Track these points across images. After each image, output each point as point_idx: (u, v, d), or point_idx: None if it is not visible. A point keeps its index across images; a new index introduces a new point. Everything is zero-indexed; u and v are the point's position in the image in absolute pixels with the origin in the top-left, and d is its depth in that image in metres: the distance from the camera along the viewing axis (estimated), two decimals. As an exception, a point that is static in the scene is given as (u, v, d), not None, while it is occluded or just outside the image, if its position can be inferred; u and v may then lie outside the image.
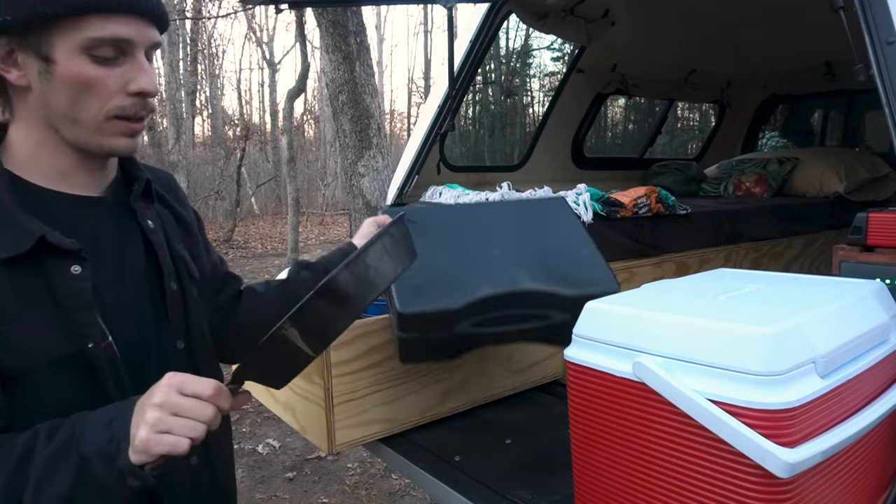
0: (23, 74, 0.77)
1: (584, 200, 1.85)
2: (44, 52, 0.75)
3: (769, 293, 1.03)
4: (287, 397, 1.51)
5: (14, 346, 0.74)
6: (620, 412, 0.93)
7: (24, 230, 0.76)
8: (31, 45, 0.75)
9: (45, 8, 0.72)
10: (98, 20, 0.75)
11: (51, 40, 0.75)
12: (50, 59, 0.75)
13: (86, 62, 0.76)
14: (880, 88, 1.25)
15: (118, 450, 0.70)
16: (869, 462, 0.95)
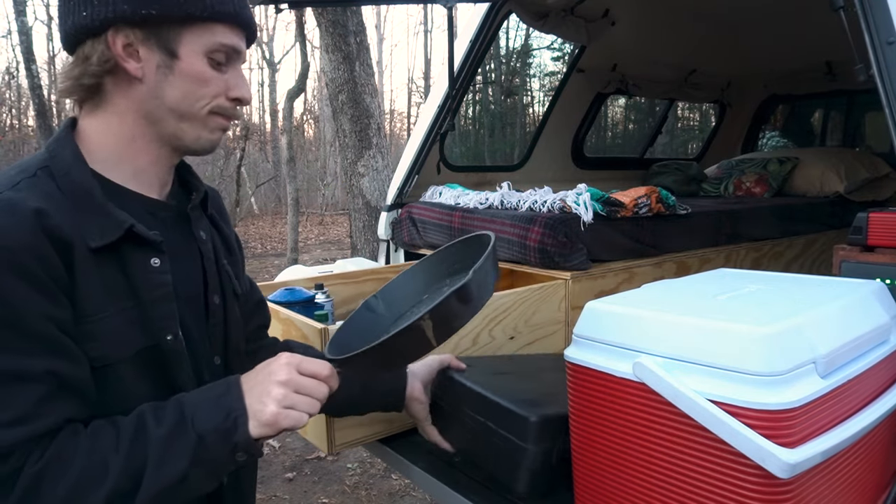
0: (139, 67, 0.80)
1: (585, 200, 1.85)
2: (171, 47, 0.80)
3: (769, 293, 1.03)
4: None
5: (100, 337, 0.76)
6: (620, 412, 0.93)
7: (114, 220, 0.78)
8: (161, 40, 0.79)
9: (193, 9, 0.79)
10: (225, 29, 0.83)
11: (181, 38, 0.80)
12: (175, 54, 0.80)
13: (204, 63, 0.82)
14: (880, 88, 1.25)
15: (235, 425, 0.74)
16: (869, 462, 0.95)
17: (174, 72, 0.81)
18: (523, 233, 1.84)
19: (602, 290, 1.86)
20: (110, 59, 0.79)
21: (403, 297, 1.10)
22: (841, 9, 1.35)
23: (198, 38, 0.81)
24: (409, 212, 2.40)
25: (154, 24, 0.79)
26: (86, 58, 0.80)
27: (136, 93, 0.82)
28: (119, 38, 0.79)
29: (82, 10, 0.78)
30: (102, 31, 0.78)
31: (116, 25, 0.78)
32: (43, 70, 17.34)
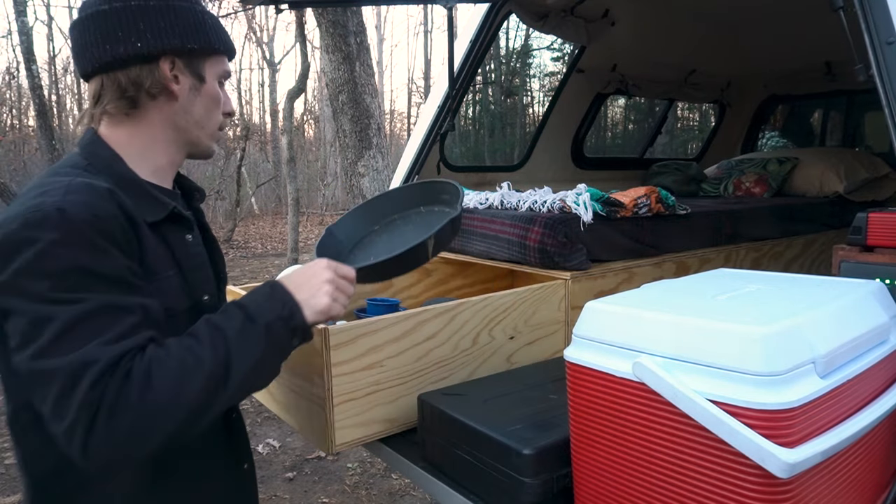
0: (180, 87, 1.00)
1: (584, 200, 1.85)
2: (200, 73, 1.02)
3: (769, 293, 1.03)
4: (287, 397, 1.51)
5: (165, 293, 0.94)
6: (620, 412, 0.93)
7: (160, 201, 0.98)
8: (194, 67, 1.01)
9: (217, 45, 1.03)
10: (226, 59, 1.07)
11: (205, 66, 1.03)
12: (203, 79, 1.02)
13: (216, 85, 1.05)
14: (880, 88, 1.25)
15: (291, 314, 0.94)
16: (869, 462, 0.96)
17: (201, 92, 1.03)
18: (523, 233, 1.84)
19: (602, 290, 1.86)
20: (162, 82, 0.98)
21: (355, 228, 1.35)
22: (841, 9, 1.35)
23: (215, 66, 1.04)
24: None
25: (192, 55, 1.00)
26: (135, 80, 0.96)
27: (171, 107, 1.00)
28: (167, 64, 0.98)
29: (136, 42, 0.94)
30: (155, 59, 0.96)
31: (167, 55, 0.97)
32: (43, 70, 17.33)
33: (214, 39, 1.02)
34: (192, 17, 0.99)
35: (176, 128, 1.02)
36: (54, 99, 19.23)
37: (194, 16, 0.99)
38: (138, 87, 0.96)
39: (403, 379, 1.46)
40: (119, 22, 0.94)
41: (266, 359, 0.91)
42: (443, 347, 1.52)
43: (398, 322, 1.43)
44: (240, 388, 0.88)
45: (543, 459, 1.10)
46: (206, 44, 1.01)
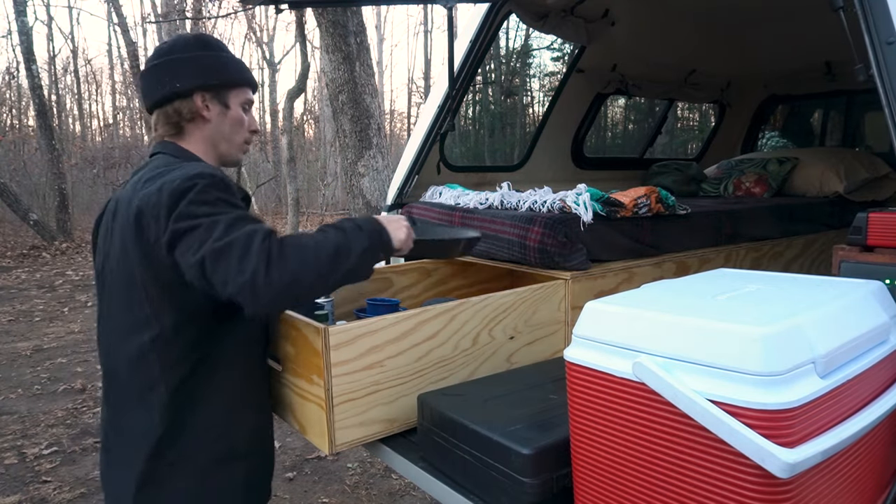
0: (210, 113, 1.36)
1: (584, 200, 1.85)
2: (226, 102, 1.37)
3: (769, 293, 1.03)
4: (287, 398, 1.51)
5: None
6: (620, 412, 0.93)
7: (238, 186, 1.32)
8: (220, 97, 1.36)
9: (240, 80, 1.39)
10: (248, 90, 1.42)
11: (230, 96, 1.38)
12: (228, 106, 1.38)
13: (240, 110, 1.40)
14: (880, 88, 1.25)
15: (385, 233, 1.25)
16: (869, 462, 0.96)
17: (227, 116, 1.38)
18: (523, 233, 1.84)
19: (602, 290, 1.86)
20: (195, 110, 1.34)
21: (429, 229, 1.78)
22: (841, 9, 1.35)
23: (238, 96, 1.39)
24: (409, 212, 2.40)
25: (217, 88, 1.36)
26: (176, 110, 1.34)
27: (205, 128, 1.37)
28: (198, 97, 1.34)
29: (175, 83, 1.32)
30: (190, 95, 1.33)
31: (199, 91, 1.33)
32: (43, 70, 17.32)
33: (236, 76, 1.38)
34: (215, 62, 1.36)
35: (211, 142, 1.38)
36: (54, 99, 19.21)
37: (218, 60, 1.36)
38: (180, 115, 1.34)
39: (403, 379, 1.46)
40: (164, 72, 1.33)
41: (368, 254, 1.20)
42: (443, 347, 1.52)
43: (398, 322, 1.43)
44: (351, 268, 1.17)
45: (543, 459, 1.10)
46: (227, 80, 1.37)
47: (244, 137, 1.42)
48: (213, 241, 1.09)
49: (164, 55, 1.34)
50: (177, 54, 1.33)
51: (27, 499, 3.02)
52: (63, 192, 11.93)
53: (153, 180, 1.21)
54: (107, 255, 1.29)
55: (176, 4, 11.88)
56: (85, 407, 4.19)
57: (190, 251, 1.10)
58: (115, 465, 1.29)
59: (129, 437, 1.25)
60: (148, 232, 1.16)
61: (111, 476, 1.30)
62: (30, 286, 8.30)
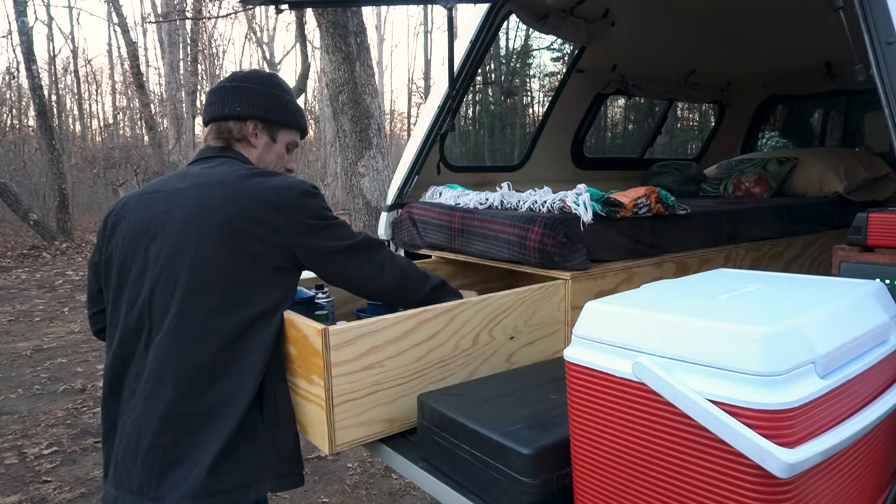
0: (257, 141, 1.52)
1: (584, 200, 1.85)
2: (274, 136, 1.54)
3: (769, 293, 1.03)
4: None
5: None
6: (620, 412, 0.93)
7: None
8: (269, 131, 1.53)
9: (292, 123, 1.57)
10: (297, 133, 1.60)
11: (278, 133, 1.55)
12: (275, 140, 1.54)
13: (284, 148, 1.57)
14: (880, 88, 1.25)
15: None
16: (869, 462, 0.96)
17: (272, 149, 1.55)
18: (523, 233, 1.84)
19: (602, 290, 1.86)
20: (244, 134, 1.50)
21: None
22: (841, 9, 1.35)
23: (286, 135, 1.56)
24: (409, 212, 2.40)
25: (270, 122, 1.52)
26: (229, 129, 1.49)
27: (251, 152, 1.52)
28: (251, 125, 1.50)
29: (236, 106, 1.48)
30: (245, 119, 1.49)
31: (253, 119, 1.49)
32: (43, 70, 17.31)
33: (290, 119, 1.55)
34: (279, 101, 1.52)
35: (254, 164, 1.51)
36: (54, 99, 19.20)
37: (282, 101, 1.53)
38: (230, 133, 1.49)
39: (403, 379, 1.46)
40: (232, 94, 1.49)
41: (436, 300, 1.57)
42: (443, 347, 1.52)
43: (398, 322, 1.43)
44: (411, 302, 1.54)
45: (543, 459, 1.10)
46: (282, 119, 1.53)
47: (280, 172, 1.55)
48: (358, 241, 1.44)
49: (237, 81, 1.50)
50: (248, 84, 1.50)
51: (27, 499, 3.02)
52: (63, 192, 11.93)
53: (253, 177, 1.36)
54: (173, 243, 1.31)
55: (176, 4, 11.88)
56: (85, 407, 4.19)
57: (333, 239, 1.40)
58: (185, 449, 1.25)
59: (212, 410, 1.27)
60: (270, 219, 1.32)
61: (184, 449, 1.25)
62: (30, 286, 8.30)
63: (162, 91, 17.30)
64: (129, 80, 18.60)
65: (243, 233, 1.30)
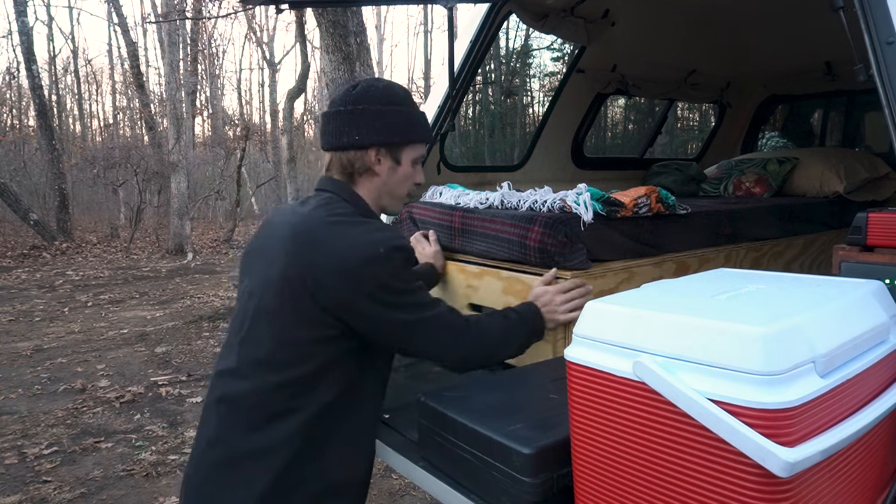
0: (381, 168, 1.40)
1: (585, 200, 1.85)
2: (398, 158, 1.41)
3: (769, 293, 1.03)
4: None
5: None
6: (621, 412, 0.93)
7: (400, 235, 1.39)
8: (394, 154, 1.40)
9: (415, 139, 1.43)
10: (423, 146, 1.46)
11: (402, 153, 1.42)
12: (399, 162, 1.42)
13: (410, 166, 1.44)
14: (880, 88, 1.25)
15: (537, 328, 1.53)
16: (869, 461, 0.96)
17: (397, 172, 1.42)
18: (523, 232, 1.84)
19: (602, 290, 1.86)
20: (367, 164, 1.39)
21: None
22: (841, 9, 1.35)
23: (411, 152, 1.43)
24: (409, 211, 2.40)
25: (393, 145, 1.39)
26: (350, 161, 1.39)
27: (374, 180, 1.42)
28: (373, 152, 1.38)
29: (354, 135, 1.36)
30: (365, 148, 1.38)
31: (374, 146, 1.38)
32: (43, 70, 17.33)
33: (413, 135, 1.41)
34: (400, 118, 1.39)
35: (377, 194, 1.43)
36: (54, 99, 19.20)
37: (403, 116, 1.39)
38: (353, 167, 1.39)
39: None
40: (348, 121, 1.37)
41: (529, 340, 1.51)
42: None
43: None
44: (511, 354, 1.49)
45: (543, 459, 1.10)
46: (406, 138, 1.40)
47: (407, 191, 1.47)
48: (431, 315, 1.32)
49: (352, 103, 1.37)
50: (365, 105, 1.37)
51: (27, 499, 3.02)
52: (63, 192, 11.93)
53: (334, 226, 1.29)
54: (265, 279, 1.31)
55: (176, 4, 11.88)
56: (85, 407, 4.19)
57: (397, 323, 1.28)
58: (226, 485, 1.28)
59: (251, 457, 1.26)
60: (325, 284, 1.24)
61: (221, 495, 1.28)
62: (30, 286, 8.30)
63: (162, 91, 17.29)
64: (129, 80, 18.61)
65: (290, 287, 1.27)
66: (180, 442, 3.68)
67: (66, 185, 12.26)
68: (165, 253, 11.73)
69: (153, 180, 13.58)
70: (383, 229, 1.31)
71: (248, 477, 1.25)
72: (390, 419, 1.58)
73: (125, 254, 11.56)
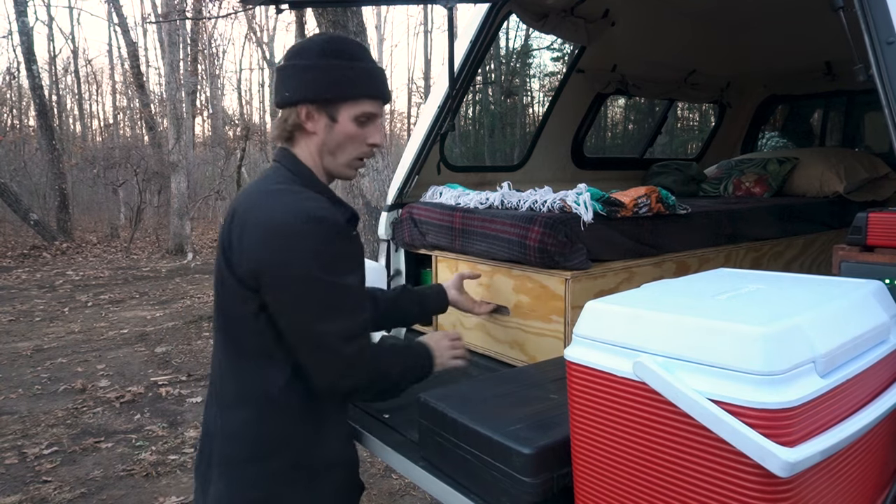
0: (315, 126, 1.31)
1: (585, 200, 1.85)
2: (333, 115, 1.31)
3: (769, 293, 1.03)
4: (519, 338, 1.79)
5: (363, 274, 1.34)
6: (621, 412, 0.93)
7: (345, 205, 1.35)
8: (328, 111, 1.30)
9: (356, 94, 1.30)
10: (367, 101, 1.32)
11: (339, 109, 1.30)
12: (336, 119, 1.31)
13: (352, 124, 1.32)
14: (880, 88, 1.25)
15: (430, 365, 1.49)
16: (869, 461, 0.96)
17: (334, 130, 1.32)
18: (523, 232, 1.84)
19: (602, 290, 1.86)
20: (298, 122, 1.31)
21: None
22: (840, 9, 1.35)
23: (349, 109, 1.31)
24: (409, 212, 2.40)
25: (328, 101, 1.29)
26: (284, 118, 1.32)
27: (312, 139, 1.33)
28: (303, 109, 1.30)
29: (285, 92, 1.30)
30: (295, 104, 1.30)
31: (303, 103, 1.29)
32: (44, 70, 17.33)
33: (352, 90, 1.30)
34: (335, 73, 1.29)
35: (319, 155, 1.34)
36: (54, 99, 19.20)
37: (340, 70, 1.29)
38: (286, 123, 1.33)
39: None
40: (284, 77, 1.31)
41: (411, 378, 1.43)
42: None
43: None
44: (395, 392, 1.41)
45: (543, 459, 1.10)
46: (340, 93, 1.29)
47: (357, 153, 1.35)
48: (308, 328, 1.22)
49: (290, 58, 1.31)
50: (299, 60, 1.29)
51: (27, 499, 3.02)
52: (63, 192, 11.93)
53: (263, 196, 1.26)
54: (216, 260, 1.34)
55: (176, 4, 11.88)
56: (85, 407, 4.19)
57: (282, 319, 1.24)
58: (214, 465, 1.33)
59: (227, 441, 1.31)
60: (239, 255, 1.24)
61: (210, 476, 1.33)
62: (30, 286, 8.30)
63: (162, 91, 17.28)
64: (129, 80, 18.61)
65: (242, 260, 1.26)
66: (180, 442, 3.67)
67: (67, 185, 12.26)
68: (165, 253, 11.73)
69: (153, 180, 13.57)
70: (312, 199, 1.25)
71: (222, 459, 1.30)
72: (390, 419, 1.58)
73: (125, 254, 11.56)
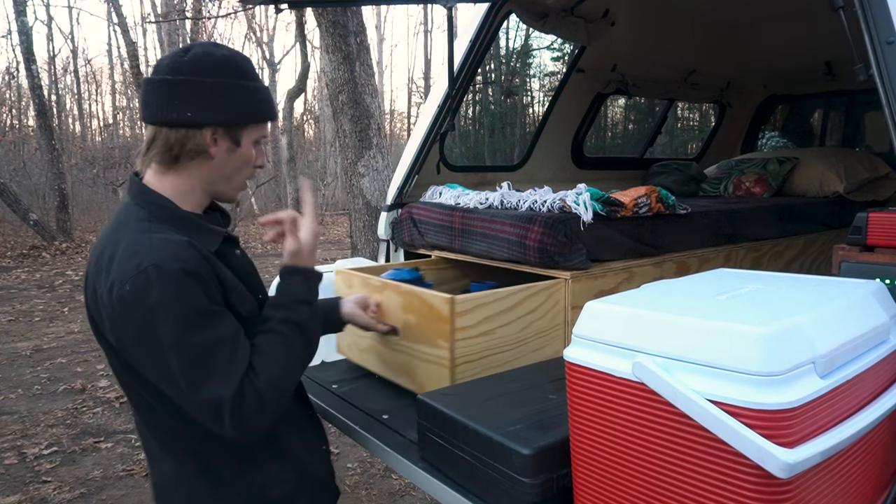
0: (217, 150, 1.19)
1: (585, 200, 1.85)
2: (237, 138, 1.21)
3: (769, 293, 1.03)
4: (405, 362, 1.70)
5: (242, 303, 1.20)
6: (620, 412, 0.93)
7: (214, 231, 1.23)
8: (231, 134, 1.20)
9: (259, 117, 1.23)
10: (266, 125, 1.26)
11: (243, 133, 1.22)
12: (239, 143, 1.22)
13: (251, 147, 1.24)
14: (880, 88, 1.25)
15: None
16: (868, 462, 0.96)
17: (235, 154, 1.22)
18: (523, 232, 1.84)
19: (602, 290, 1.86)
20: (202, 146, 1.17)
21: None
22: (841, 9, 1.35)
23: (252, 132, 1.23)
24: (409, 212, 2.40)
25: (232, 125, 1.20)
26: (180, 140, 1.16)
27: (207, 165, 1.20)
28: (209, 132, 1.17)
29: (187, 112, 1.14)
30: (200, 127, 1.16)
31: (211, 126, 1.17)
32: (43, 70, 17.32)
33: (257, 113, 1.23)
34: (240, 95, 1.19)
35: (209, 181, 1.23)
36: (54, 99, 19.21)
37: (246, 92, 1.20)
38: (182, 147, 1.17)
39: (510, 346, 1.65)
40: (179, 93, 1.14)
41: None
42: (542, 320, 1.72)
43: (509, 295, 1.64)
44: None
45: (543, 459, 1.10)
46: (249, 117, 1.22)
47: (247, 176, 1.28)
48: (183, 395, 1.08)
49: (183, 72, 1.14)
50: (200, 77, 1.14)
51: (27, 499, 3.02)
52: (63, 192, 11.92)
53: (117, 245, 1.11)
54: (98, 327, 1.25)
55: (176, 4, 11.88)
56: (85, 407, 4.19)
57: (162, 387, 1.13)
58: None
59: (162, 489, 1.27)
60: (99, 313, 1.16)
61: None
62: (30, 286, 8.30)
63: (162, 91, 17.20)
64: (128, 80, 18.60)
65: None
66: (180, 442, 3.67)
67: (66, 185, 12.25)
68: (165, 253, 11.70)
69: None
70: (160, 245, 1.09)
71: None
72: (390, 419, 1.58)
73: (125, 254, 11.53)
